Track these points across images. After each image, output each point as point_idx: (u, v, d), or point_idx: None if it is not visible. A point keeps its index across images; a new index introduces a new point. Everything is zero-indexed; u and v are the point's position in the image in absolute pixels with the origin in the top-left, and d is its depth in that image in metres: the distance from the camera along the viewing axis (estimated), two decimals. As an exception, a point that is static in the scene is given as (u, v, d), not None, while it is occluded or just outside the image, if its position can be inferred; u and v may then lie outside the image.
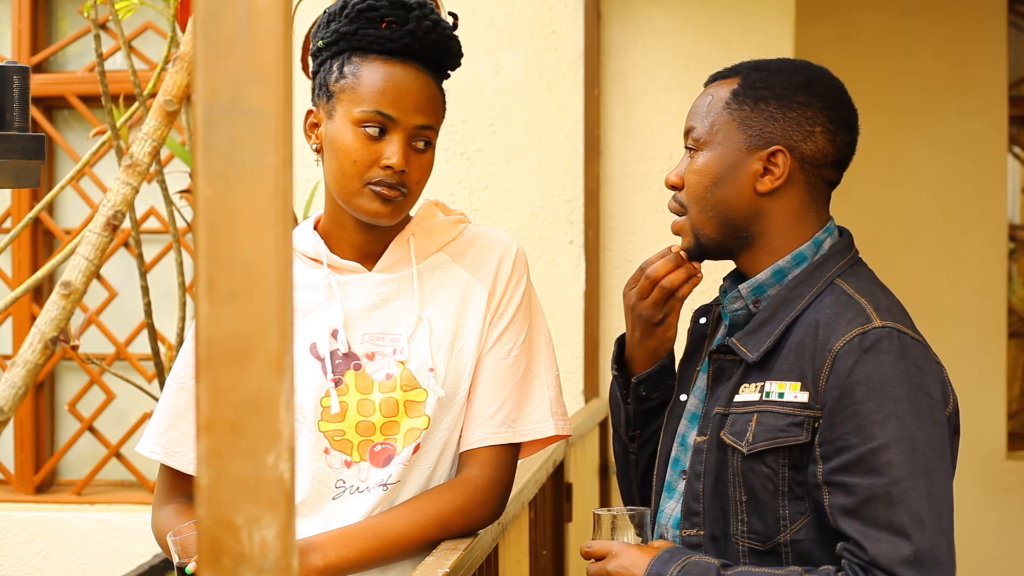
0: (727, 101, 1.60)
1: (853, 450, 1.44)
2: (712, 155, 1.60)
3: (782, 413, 1.50)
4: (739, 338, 1.57)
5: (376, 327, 1.70)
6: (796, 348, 1.51)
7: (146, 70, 3.97)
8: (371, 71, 1.65)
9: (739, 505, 1.54)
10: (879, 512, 1.42)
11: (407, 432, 1.67)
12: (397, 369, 1.68)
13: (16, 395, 1.07)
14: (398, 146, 1.63)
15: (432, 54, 1.68)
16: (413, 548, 1.65)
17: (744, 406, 1.55)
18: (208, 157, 0.67)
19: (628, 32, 3.58)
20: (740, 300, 1.61)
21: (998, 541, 4.41)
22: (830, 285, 1.56)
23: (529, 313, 1.77)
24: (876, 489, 1.43)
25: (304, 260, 1.74)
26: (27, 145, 1.68)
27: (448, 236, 1.77)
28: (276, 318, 0.66)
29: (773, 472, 1.51)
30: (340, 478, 1.67)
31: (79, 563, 4.01)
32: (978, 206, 4.46)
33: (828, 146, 1.60)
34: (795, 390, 1.50)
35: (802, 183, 1.60)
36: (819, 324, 1.51)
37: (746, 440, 1.52)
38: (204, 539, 0.66)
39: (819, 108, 1.59)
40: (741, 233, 1.60)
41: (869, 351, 1.46)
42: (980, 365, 4.44)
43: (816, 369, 1.48)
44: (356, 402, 1.67)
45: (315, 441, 1.67)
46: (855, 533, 1.43)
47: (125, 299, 4.16)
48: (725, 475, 1.55)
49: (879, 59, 4.45)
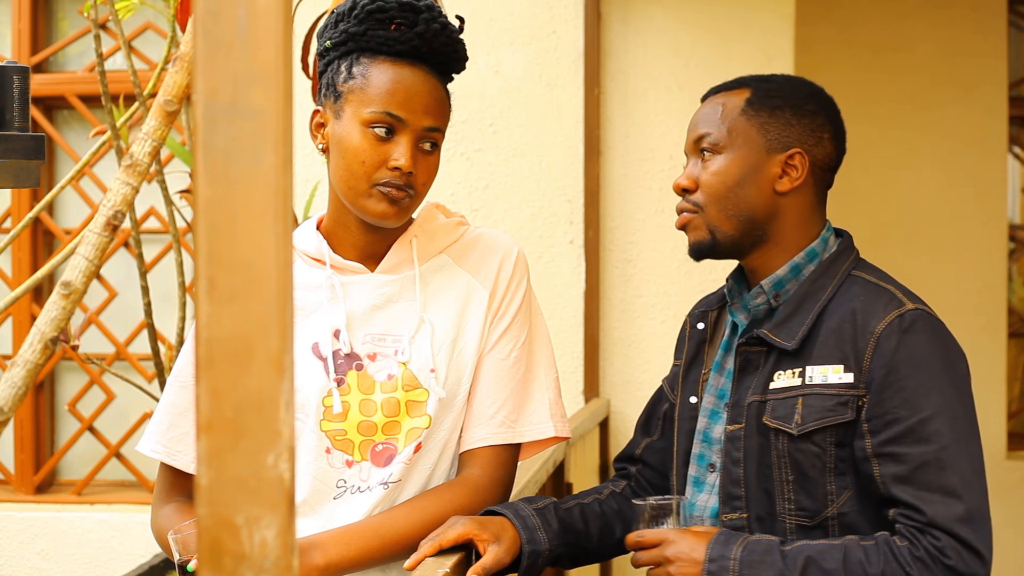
0: (743, 108, 1.72)
1: (903, 422, 1.55)
2: (733, 157, 1.70)
3: (828, 394, 1.60)
4: (770, 329, 1.67)
5: (378, 328, 1.71)
6: (834, 334, 1.62)
7: (146, 70, 3.97)
8: (380, 72, 1.65)
9: (786, 485, 1.63)
10: (931, 477, 1.54)
11: (408, 432, 1.68)
12: (399, 369, 1.68)
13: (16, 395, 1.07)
14: (406, 147, 1.64)
15: (440, 57, 1.69)
16: (414, 547, 1.65)
17: (784, 392, 1.64)
18: (208, 157, 0.67)
19: (628, 32, 3.58)
20: (763, 295, 1.72)
21: (998, 541, 4.40)
22: (849, 277, 1.68)
23: (529, 315, 1.78)
24: (927, 456, 1.54)
25: (306, 260, 1.74)
26: (27, 145, 1.68)
27: (450, 238, 1.77)
28: (276, 318, 0.66)
29: (821, 450, 1.61)
30: (341, 478, 1.68)
31: (79, 563, 4.01)
32: (978, 206, 4.46)
33: (833, 151, 1.75)
34: (839, 372, 1.61)
35: (812, 184, 1.73)
36: (855, 311, 1.62)
37: (794, 422, 1.61)
38: (204, 539, 0.66)
39: (826, 117, 1.74)
40: (758, 231, 1.71)
41: (908, 332, 1.58)
42: (980, 365, 4.44)
43: (859, 351, 1.59)
44: (358, 402, 1.68)
45: (317, 441, 1.67)
46: (910, 498, 1.54)
47: (125, 299, 4.16)
48: (768, 458, 1.64)
49: (879, 59, 4.45)
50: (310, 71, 2.27)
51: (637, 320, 3.58)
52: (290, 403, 0.67)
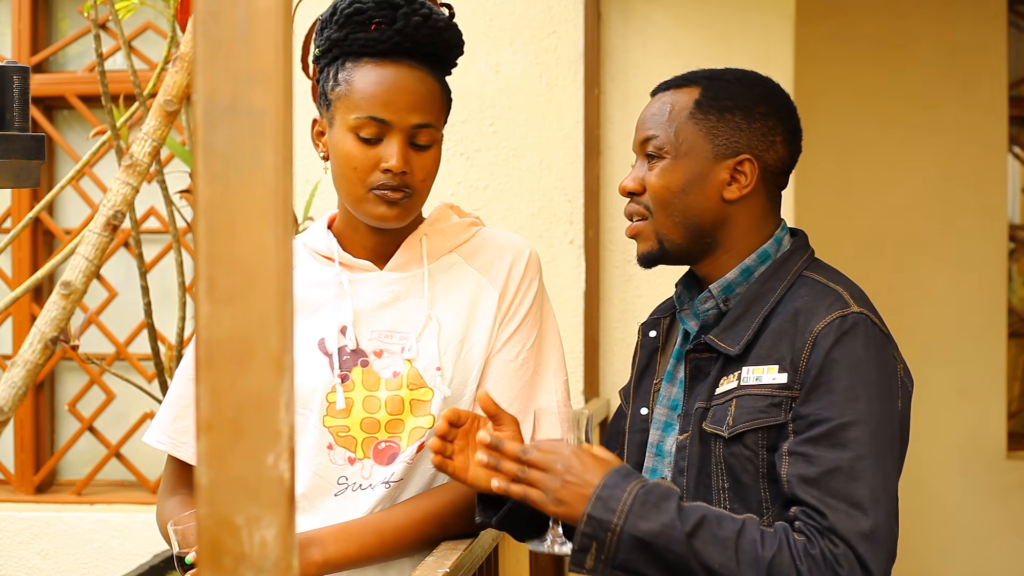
0: (691, 111, 1.64)
1: (825, 424, 1.48)
2: (678, 163, 1.63)
3: (760, 395, 1.53)
4: (716, 335, 1.60)
5: (385, 325, 1.71)
6: (773, 334, 1.56)
7: (146, 70, 3.96)
8: (362, 76, 1.65)
9: (722, 493, 1.55)
10: (840, 484, 1.46)
11: (412, 431, 1.67)
12: (404, 367, 1.68)
13: (16, 395, 1.07)
14: (396, 148, 1.63)
15: (426, 49, 1.67)
16: (413, 546, 1.65)
17: (723, 396, 1.57)
18: (208, 157, 0.67)
19: (628, 32, 3.58)
20: (711, 300, 1.64)
21: (999, 541, 4.41)
22: (800, 277, 1.62)
23: (540, 316, 1.77)
24: (840, 462, 1.46)
25: (316, 258, 1.75)
26: (27, 145, 1.68)
27: (461, 238, 1.77)
28: (276, 318, 0.66)
29: (753, 454, 1.53)
30: (343, 475, 1.68)
31: (79, 563, 4.01)
32: (978, 206, 4.46)
33: (786, 155, 1.67)
34: (773, 372, 1.54)
35: (763, 190, 1.65)
36: (798, 311, 1.55)
37: (726, 424, 1.55)
38: (204, 539, 0.66)
39: (778, 119, 1.65)
40: (706, 239, 1.64)
41: (847, 333, 1.51)
42: (980, 365, 4.44)
43: (796, 351, 1.52)
44: (362, 399, 1.67)
45: (319, 436, 1.67)
46: (814, 500, 1.45)
47: (125, 299, 4.15)
48: (708, 466, 1.57)
49: (879, 59, 4.45)
50: (310, 71, 2.27)
51: (637, 320, 3.57)
52: (290, 403, 0.67)
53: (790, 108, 1.68)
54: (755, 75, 1.70)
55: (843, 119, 4.41)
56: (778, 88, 1.69)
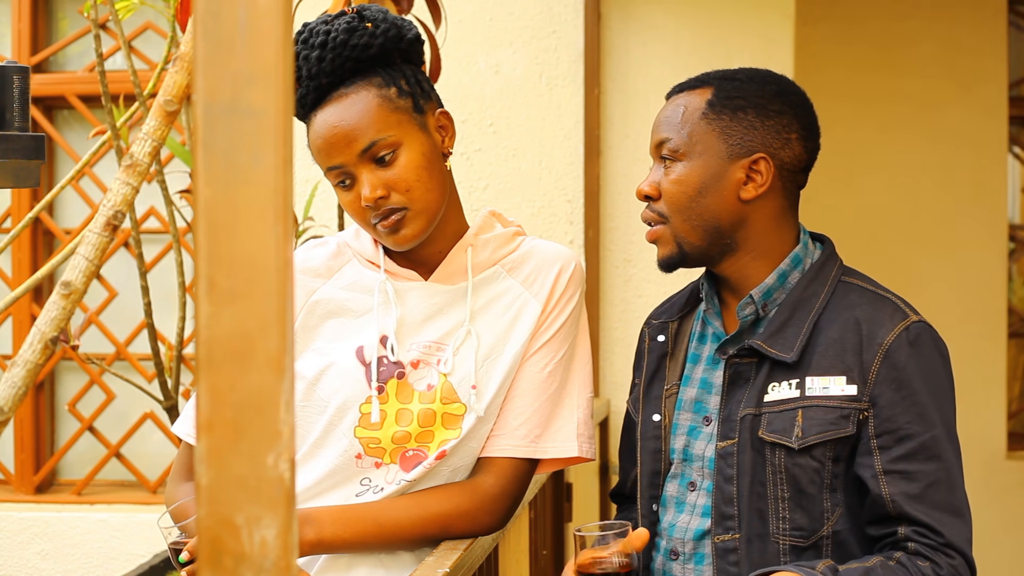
0: (703, 111, 1.63)
1: (916, 438, 1.52)
2: (694, 165, 1.62)
3: (830, 407, 1.54)
4: (764, 340, 1.59)
5: (425, 337, 1.70)
6: (836, 343, 1.56)
7: (146, 70, 3.96)
8: (311, 132, 1.69)
9: (781, 503, 1.56)
10: (942, 496, 1.51)
11: (440, 443, 1.67)
12: (439, 380, 1.67)
13: (16, 395, 1.07)
14: (363, 182, 1.65)
15: (343, 71, 1.65)
16: (411, 541, 1.64)
17: (781, 404, 1.57)
18: (208, 157, 0.67)
19: (628, 32, 3.58)
20: (751, 305, 1.63)
21: (999, 541, 4.40)
22: (840, 283, 1.62)
23: (574, 330, 1.76)
24: (938, 474, 1.51)
25: (362, 262, 1.75)
26: (27, 145, 1.68)
27: (505, 249, 1.77)
28: (276, 318, 0.66)
29: (820, 465, 1.54)
30: (367, 476, 1.67)
31: (79, 563, 4.01)
32: (978, 206, 4.46)
33: (802, 152, 1.65)
34: (840, 384, 1.55)
35: (780, 188, 1.64)
36: (859, 320, 1.57)
37: (795, 435, 1.54)
38: (204, 539, 0.66)
39: (793, 116, 1.64)
40: (725, 240, 1.63)
41: (915, 345, 1.55)
42: (980, 365, 4.44)
43: (865, 362, 1.54)
44: (395, 412, 1.67)
45: (348, 445, 1.66)
46: (924, 517, 1.50)
47: (125, 299, 4.15)
48: (763, 474, 1.56)
49: (879, 59, 4.45)
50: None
51: (637, 320, 3.57)
52: (290, 403, 0.67)
53: (805, 105, 1.67)
54: (768, 73, 1.68)
55: (843, 119, 4.41)
56: (792, 85, 1.68)
